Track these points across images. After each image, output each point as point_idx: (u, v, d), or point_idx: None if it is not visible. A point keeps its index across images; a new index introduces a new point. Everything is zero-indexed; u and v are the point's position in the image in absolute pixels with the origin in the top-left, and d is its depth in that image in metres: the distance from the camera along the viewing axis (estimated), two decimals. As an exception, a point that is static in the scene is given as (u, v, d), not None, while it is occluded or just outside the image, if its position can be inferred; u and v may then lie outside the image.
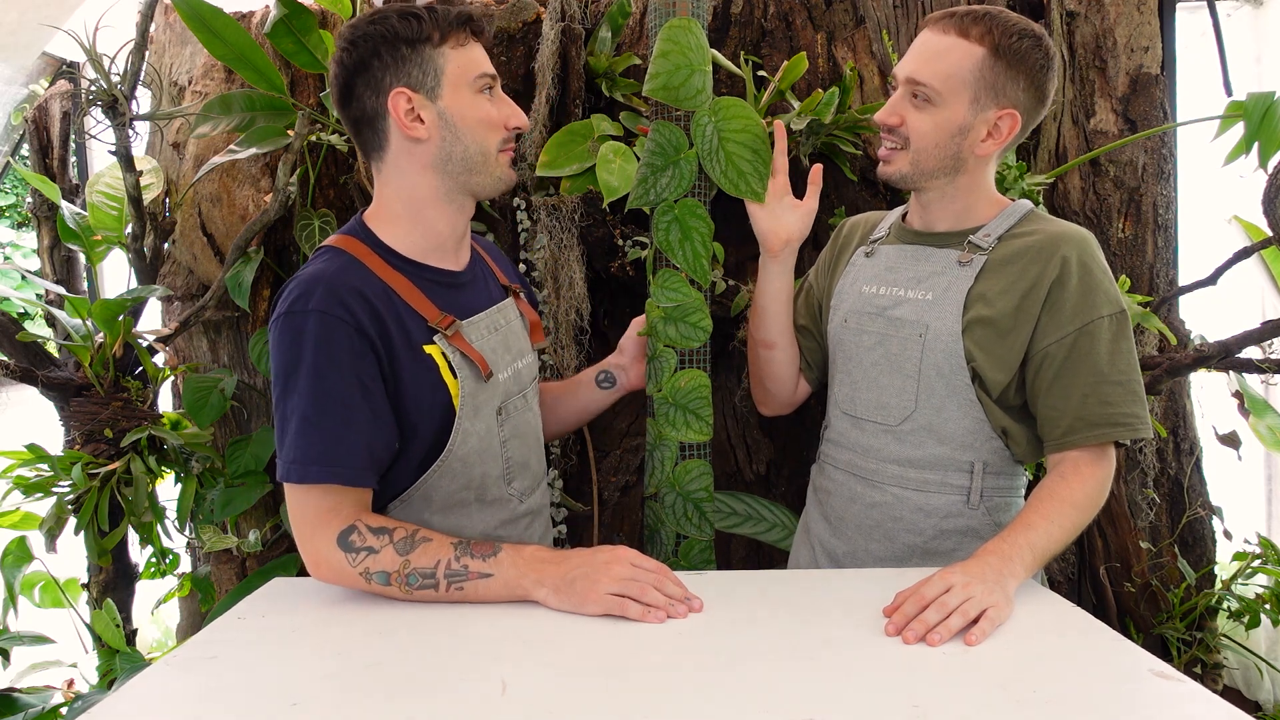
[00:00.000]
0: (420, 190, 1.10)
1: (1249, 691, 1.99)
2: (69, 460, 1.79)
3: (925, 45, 1.15)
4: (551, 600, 0.98)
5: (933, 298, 1.17)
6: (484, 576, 1.00)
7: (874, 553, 1.22)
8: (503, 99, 1.12)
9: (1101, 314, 1.10)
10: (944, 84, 1.12)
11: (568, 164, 1.81)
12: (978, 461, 1.17)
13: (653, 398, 1.31)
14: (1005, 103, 1.13)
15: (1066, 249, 1.12)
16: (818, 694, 0.74)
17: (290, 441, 1.01)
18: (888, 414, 1.20)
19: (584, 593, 0.96)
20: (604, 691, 0.76)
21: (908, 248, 1.24)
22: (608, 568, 0.98)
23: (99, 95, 1.74)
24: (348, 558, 1.00)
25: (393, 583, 1.00)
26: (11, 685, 1.89)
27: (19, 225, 4.75)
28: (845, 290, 1.30)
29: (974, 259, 1.16)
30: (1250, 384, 1.97)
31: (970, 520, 1.19)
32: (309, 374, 1.00)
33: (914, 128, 1.15)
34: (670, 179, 1.26)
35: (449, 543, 1.02)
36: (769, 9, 1.98)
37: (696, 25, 1.25)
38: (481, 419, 1.11)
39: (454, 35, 1.06)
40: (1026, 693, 0.74)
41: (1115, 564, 1.90)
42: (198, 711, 0.73)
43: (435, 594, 1.00)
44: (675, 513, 1.30)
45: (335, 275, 1.03)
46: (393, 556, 1.00)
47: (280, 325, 1.02)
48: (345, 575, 1.01)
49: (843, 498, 1.26)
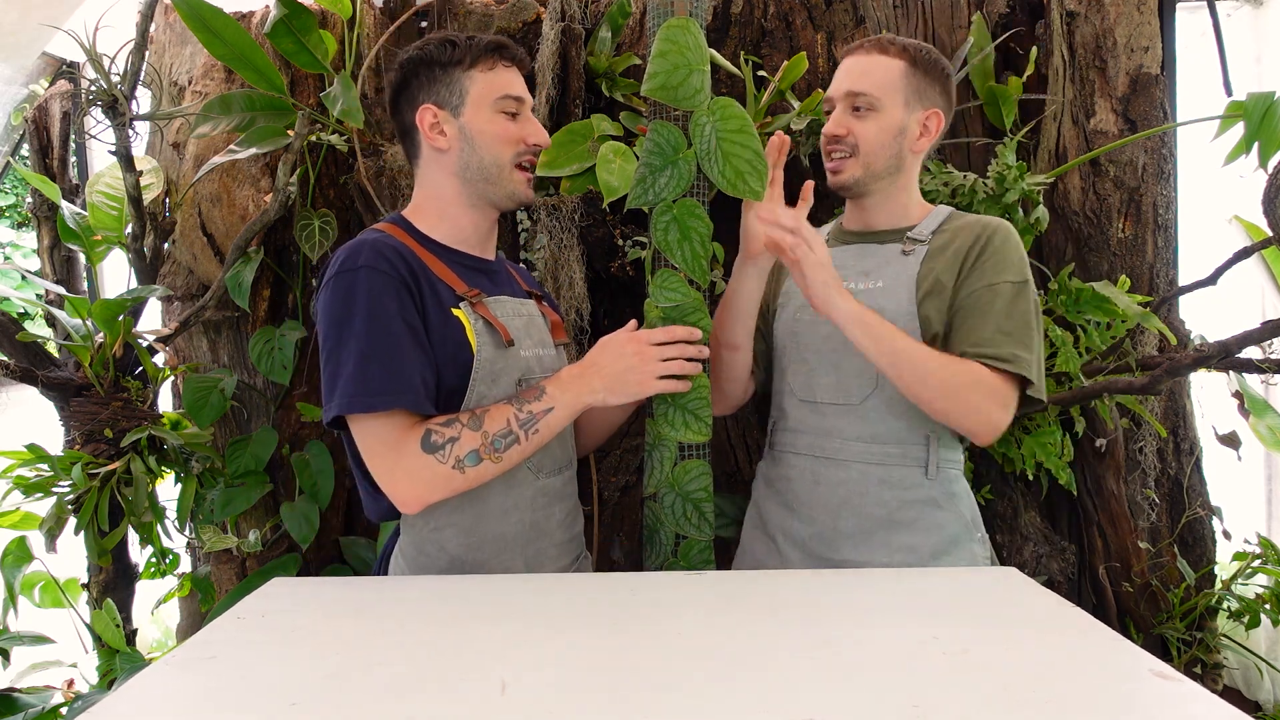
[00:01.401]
0: (446, 192, 1.23)
1: (1249, 691, 1.99)
2: (69, 460, 1.79)
3: (854, 66, 1.32)
4: (613, 400, 1.16)
5: (883, 285, 1.31)
6: (548, 412, 1.12)
7: (842, 530, 1.30)
8: (528, 119, 1.24)
9: (1008, 279, 1.26)
10: (881, 91, 1.30)
11: (568, 164, 1.81)
12: (931, 434, 1.29)
13: (652, 398, 1.31)
14: (929, 104, 1.33)
15: (991, 229, 1.30)
16: (818, 694, 0.74)
17: (350, 379, 1.06)
18: (849, 394, 1.31)
19: (638, 385, 1.17)
20: (604, 691, 0.76)
21: (850, 247, 1.38)
22: (642, 357, 1.17)
23: (99, 95, 1.74)
24: (436, 458, 1.07)
25: (483, 457, 1.08)
26: (11, 685, 1.89)
27: (19, 225, 4.75)
28: (791, 290, 1.42)
29: (916, 249, 1.32)
30: (1250, 384, 1.97)
31: (930, 491, 1.29)
32: (364, 319, 1.07)
33: (861, 135, 1.31)
34: (669, 179, 1.26)
35: (503, 404, 1.12)
36: (769, 9, 1.98)
37: (695, 25, 1.25)
38: (500, 387, 1.16)
39: (483, 61, 1.20)
40: (1026, 693, 0.74)
41: (1115, 564, 1.90)
42: (198, 711, 0.73)
43: (520, 447, 1.11)
44: (674, 513, 1.30)
45: (377, 240, 1.14)
46: (472, 435, 1.08)
47: (332, 285, 1.11)
48: (439, 479, 1.07)
49: (806, 482, 1.34)
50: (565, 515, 1.27)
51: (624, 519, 1.94)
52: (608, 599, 1.01)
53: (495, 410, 1.11)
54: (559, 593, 1.03)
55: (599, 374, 1.16)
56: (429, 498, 1.09)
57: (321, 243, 1.85)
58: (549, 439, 1.14)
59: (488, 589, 1.05)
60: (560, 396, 1.14)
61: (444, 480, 1.08)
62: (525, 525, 1.20)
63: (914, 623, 0.91)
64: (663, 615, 0.95)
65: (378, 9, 2.04)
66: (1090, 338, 1.81)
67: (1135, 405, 1.87)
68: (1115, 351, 1.87)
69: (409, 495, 1.08)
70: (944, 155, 1.97)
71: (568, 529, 1.28)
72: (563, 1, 1.92)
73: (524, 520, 1.19)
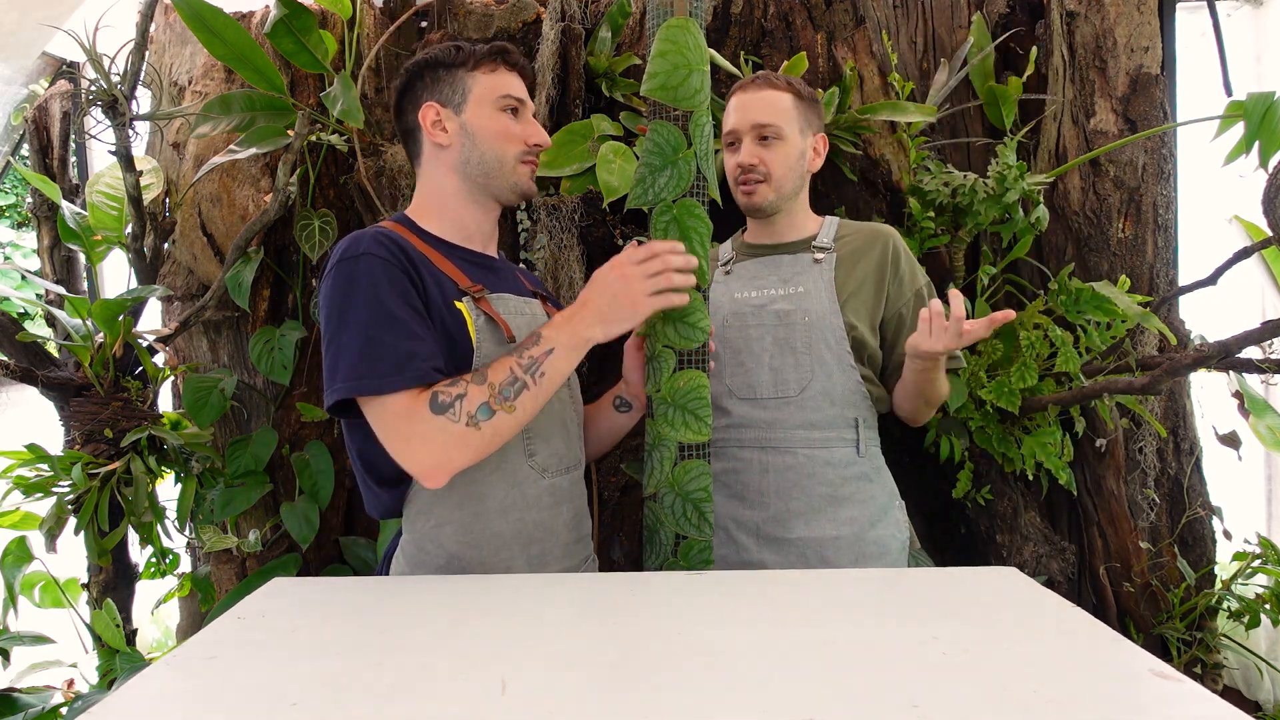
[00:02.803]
0: (447, 188, 1.24)
1: (1249, 691, 1.99)
2: (69, 460, 1.79)
3: (751, 101, 1.45)
4: (613, 330, 1.13)
5: (804, 290, 1.46)
6: (549, 354, 1.10)
7: (793, 510, 1.43)
8: (529, 121, 1.26)
9: (921, 284, 1.49)
10: (783, 120, 1.44)
11: (568, 164, 1.81)
12: (859, 417, 1.46)
13: (651, 398, 1.31)
14: (816, 129, 1.50)
15: (888, 237, 1.49)
16: (818, 694, 0.74)
17: (355, 361, 1.05)
18: (788, 388, 1.45)
19: (631, 307, 1.13)
20: (604, 691, 0.76)
21: (762, 259, 1.53)
22: (627, 279, 1.13)
23: (99, 95, 1.74)
24: (448, 418, 1.04)
25: (495, 408, 1.06)
26: (11, 685, 1.89)
27: (19, 225, 4.75)
28: (719, 300, 1.54)
29: (825, 257, 1.48)
30: (1250, 384, 1.97)
31: (862, 467, 1.45)
32: (367, 303, 1.07)
33: (770, 162, 1.45)
34: (668, 179, 1.26)
35: (504, 356, 1.10)
36: (769, 9, 1.98)
37: (694, 25, 1.25)
38: None
39: (486, 63, 1.23)
40: (1026, 693, 0.74)
41: (1115, 564, 1.90)
42: (198, 711, 0.73)
43: (530, 392, 1.09)
44: (674, 513, 1.30)
45: (378, 231, 1.15)
46: (478, 389, 1.06)
47: (333, 274, 1.10)
48: (455, 440, 1.04)
49: (755, 471, 1.45)
50: (572, 516, 1.27)
51: (624, 519, 1.94)
52: (608, 599, 1.01)
53: (497, 364, 1.09)
54: (559, 592, 1.03)
55: (590, 308, 1.14)
56: (450, 463, 1.06)
57: (321, 243, 1.85)
58: (558, 383, 1.12)
59: (488, 589, 1.05)
60: (557, 337, 1.11)
61: (460, 440, 1.05)
62: (528, 524, 1.19)
63: (914, 623, 0.91)
64: (663, 615, 0.95)
65: (378, 9, 2.04)
66: (1090, 338, 1.81)
67: (1135, 405, 1.87)
68: (1115, 351, 1.87)
69: (429, 463, 1.05)
70: (944, 155, 1.97)
71: (574, 530, 1.28)
72: (563, 1, 1.92)
73: (526, 519, 1.19)
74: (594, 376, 1.95)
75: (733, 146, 1.48)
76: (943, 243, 1.84)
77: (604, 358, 1.97)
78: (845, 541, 1.41)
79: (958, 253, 1.88)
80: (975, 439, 1.82)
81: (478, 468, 1.15)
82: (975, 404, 1.80)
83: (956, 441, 1.81)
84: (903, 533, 1.48)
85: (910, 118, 1.78)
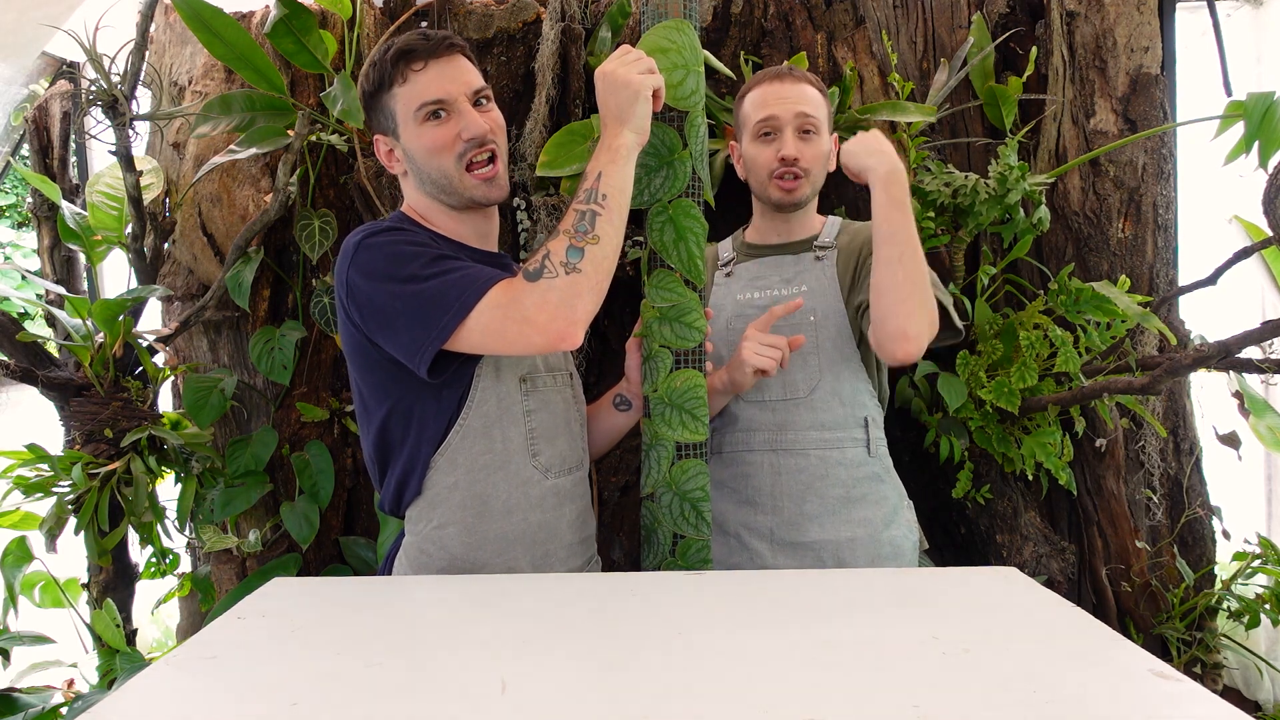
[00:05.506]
0: (422, 204, 1.24)
1: (1249, 691, 1.98)
2: (69, 460, 1.79)
3: (788, 92, 1.42)
4: (631, 120, 1.13)
5: (809, 288, 1.44)
6: (599, 177, 1.10)
7: (807, 513, 1.40)
8: (456, 114, 1.16)
9: None
10: (822, 115, 1.43)
11: (567, 164, 1.81)
12: (868, 416, 1.44)
13: (648, 398, 1.31)
14: (831, 129, 1.48)
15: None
16: (818, 694, 0.74)
17: (433, 302, 1.05)
18: (797, 389, 1.42)
19: (630, 89, 1.12)
20: (603, 691, 0.76)
21: (766, 259, 1.51)
22: (611, 75, 1.13)
23: (99, 95, 1.74)
24: (546, 278, 1.05)
25: (580, 245, 1.06)
26: (11, 685, 1.89)
27: (19, 225, 4.75)
28: (721, 302, 1.52)
29: (827, 254, 1.47)
30: (1250, 384, 1.97)
31: (874, 467, 1.43)
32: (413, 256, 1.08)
33: (808, 157, 1.42)
34: (664, 179, 1.26)
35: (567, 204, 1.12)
36: (769, 9, 1.98)
37: (689, 26, 1.25)
38: (503, 382, 1.17)
39: (398, 76, 1.16)
40: (1026, 693, 0.74)
41: (1115, 564, 1.90)
42: (198, 711, 0.73)
43: (604, 217, 1.09)
44: (672, 512, 1.31)
45: (396, 215, 1.19)
46: (557, 241, 1.07)
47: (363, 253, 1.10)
48: (565, 290, 1.04)
49: (767, 475, 1.42)
50: (576, 517, 1.27)
51: (624, 519, 1.94)
52: (607, 599, 1.01)
53: (563, 218, 1.10)
54: (558, 592, 1.03)
55: (607, 123, 1.15)
56: (574, 313, 1.04)
57: (321, 243, 1.85)
58: (623, 201, 1.12)
59: (488, 589, 1.05)
60: (597, 163, 1.12)
61: (570, 288, 1.04)
62: (532, 525, 1.19)
63: (914, 623, 0.91)
64: (661, 615, 0.95)
65: (378, 9, 2.04)
66: (1090, 338, 1.81)
67: (1135, 405, 1.87)
68: (1115, 351, 1.87)
69: (556, 325, 1.04)
70: (944, 155, 1.97)
71: (578, 531, 1.27)
72: (563, 1, 1.92)
73: (529, 520, 1.18)
74: (595, 376, 1.95)
75: (768, 137, 1.43)
76: (943, 243, 1.84)
77: (604, 357, 1.97)
78: (860, 543, 1.39)
79: (958, 253, 1.88)
80: (975, 439, 1.82)
81: (482, 468, 1.15)
82: (975, 404, 1.80)
83: (956, 441, 1.80)
84: (914, 533, 1.47)
85: (910, 118, 1.78)
